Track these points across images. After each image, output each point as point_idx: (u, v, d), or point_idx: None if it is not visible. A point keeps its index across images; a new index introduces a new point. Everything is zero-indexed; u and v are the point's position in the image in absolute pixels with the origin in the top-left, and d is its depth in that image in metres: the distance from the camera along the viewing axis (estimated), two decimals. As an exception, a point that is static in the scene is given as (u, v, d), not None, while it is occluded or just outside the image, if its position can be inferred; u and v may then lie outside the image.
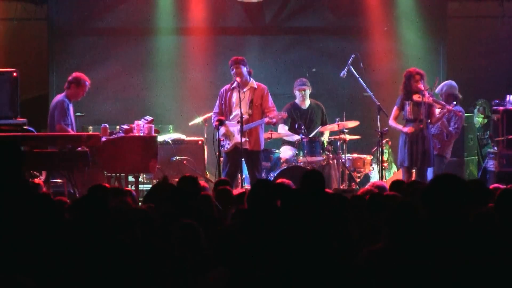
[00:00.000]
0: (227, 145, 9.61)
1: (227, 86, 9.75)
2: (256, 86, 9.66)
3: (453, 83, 10.24)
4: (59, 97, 9.61)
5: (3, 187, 3.82)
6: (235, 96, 9.56)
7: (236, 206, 5.75)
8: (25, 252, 3.68)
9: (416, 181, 6.29)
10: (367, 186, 6.88)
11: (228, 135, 9.60)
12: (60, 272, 3.65)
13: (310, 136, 10.53)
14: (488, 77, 12.57)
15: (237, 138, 9.41)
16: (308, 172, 5.95)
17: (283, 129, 10.67)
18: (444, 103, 9.75)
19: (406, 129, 9.60)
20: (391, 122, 9.85)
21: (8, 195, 3.79)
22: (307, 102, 10.88)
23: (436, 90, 10.10)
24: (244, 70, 9.57)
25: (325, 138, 10.82)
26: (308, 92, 10.82)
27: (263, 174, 9.97)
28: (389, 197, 5.31)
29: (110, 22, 12.38)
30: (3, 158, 3.84)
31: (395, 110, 9.83)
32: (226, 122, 9.58)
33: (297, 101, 10.86)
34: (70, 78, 9.61)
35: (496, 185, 6.46)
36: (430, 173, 9.74)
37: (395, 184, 6.38)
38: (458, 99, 10.10)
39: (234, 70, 9.53)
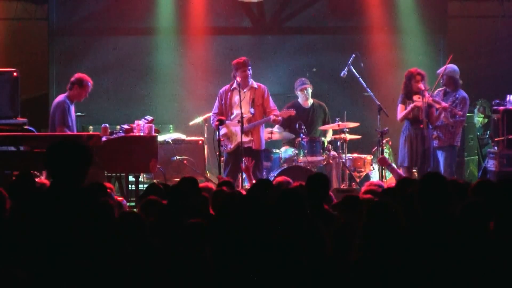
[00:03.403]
0: (230, 145, 9.62)
1: (227, 86, 9.76)
2: (256, 86, 9.69)
3: (456, 67, 10.13)
4: (60, 98, 9.57)
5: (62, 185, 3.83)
6: (236, 96, 9.57)
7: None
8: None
9: (407, 180, 6.16)
10: (364, 187, 6.83)
11: (230, 136, 9.60)
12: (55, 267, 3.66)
13: (310, 136, 10.55)
14: (488, 77, 12.57)
15: (239, 137, 9.42)
16: (313, 175, 5.93)
17: (277, 129, 10.63)
18: (441, 101, 9.73)
19: (417, 102, 9.54)
20: (400, 115, 9.78)
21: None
22: (310, 102, 10.88)
23: (438, 71, 10.03)
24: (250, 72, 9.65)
25: (328, 138, 10.82)
26: (310, 90, 10.82)
27: (263, 174, 9.98)
28: None
29: (110, 22, 12.37)
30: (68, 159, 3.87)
31: (400, 108, 9.78)
32: (227, 122, 9.59)
33: (299, 100, 10.86)
34: (72, 79, 9.57)
35: None
36: (442, 163, 9.76)
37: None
38: (459, 84, 10.00)
39: (245, 72, 9.53)
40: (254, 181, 8.21)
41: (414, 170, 9.88)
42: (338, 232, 4.38)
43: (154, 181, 9.87)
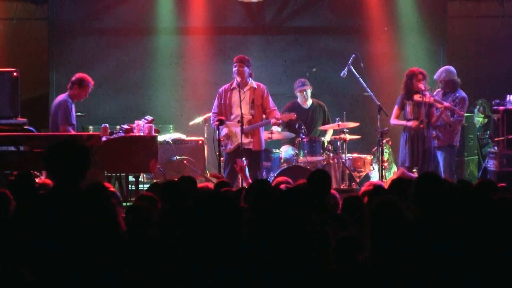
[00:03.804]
0: (230, 145, 9.63)
1: (226, 86, 9.76)
2: (256, 86, 9.70)
3: (452, 68, 10.16)
4: (62, 96, 9.57)
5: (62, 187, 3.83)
6: (235, 96, 9.58)
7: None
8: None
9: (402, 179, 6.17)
10: (364, 187, 6.84)
11: (230, 136, 9.61)
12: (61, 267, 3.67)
13: (310, 135, 10.56)
14: (488, 77, 12.57)
15: (240, 138, 9.43)
16: (315, 171, 5.93)
17: (277, 128, 10.64)
18: (443, 101, 9.73)
19: (410, 123, 9.60)
20: (393, 121, 9.85)
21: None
22: (309, 102, 10.90)
23: (435, 77, 10.05)
24: (246, 70, 9.59)
25: (328, 137, 10.83)
26: (309, 91, 10.84)
27: (263, 174, 9.98)
28: None
29: (110, 22, 12.38)
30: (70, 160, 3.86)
31: (395, 110, 9.83)
32: (228, 122, 9.60)
33: (299, 100, 10.88)
34: (73, 78, 9.58)
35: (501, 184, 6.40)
36: (442, 163, 9.78)
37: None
38: (458, 84, 10.02)
39: (236, 68, 9.55)
40: (250, 181, 8.23)
41: (415, 170, 9.88)
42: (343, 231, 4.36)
43: (155, 181, 9.88)
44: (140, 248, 4.22)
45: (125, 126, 9.32)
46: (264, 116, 9.74)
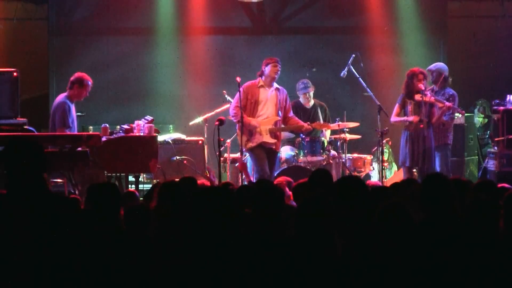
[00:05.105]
0: (251, 142, 9.58)
1: (251, 83, 9.69)
2: (280, 88, 9.75)
3: (445, 65, 10.27)
4: (61, 98, 9.55)
5: (20, 186, 3.81)
6: (262, 95, 9.60)
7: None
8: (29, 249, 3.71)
9: (411, 180, 6.18)
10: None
11: (253, 133, 9.56)
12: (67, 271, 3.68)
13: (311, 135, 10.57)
14: (488, 77, 12.57)
15: (265, 137, 9.52)
16: (316, 171, 5.92)
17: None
18: (445, 101, 9.75)
19: (411, 118, 9.60)
20: (393, 118, 9.83)
21: (25, 195, 3.79)
22: (311, 103, 10.91)
23: (428, 68, 10.10)
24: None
25: (326, 137, 10.83)
26: (312, 93, 10.87)
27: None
28: None
29: (110, 22, 12.37)
30: (24, 158, 3.84)
31: (396, 108, 9.82)
32: (252, 119, 9.57)
33: (301, 100, 10.88)
34: (72, 78, 9.56)
35: (502, 184, 6.40)
36: (438, 162, 9.80)
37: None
38: (447, 81, 10.09)
39: (276, 67, 9.63)
40: (251, 179, 8.30)
41: (414, 170, 9.89)
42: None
43: (155, 181, 9.88)
44: (139, 247, 4.23)
45: (125, 126, 9.32)
46: (281, 120, 9.76)
